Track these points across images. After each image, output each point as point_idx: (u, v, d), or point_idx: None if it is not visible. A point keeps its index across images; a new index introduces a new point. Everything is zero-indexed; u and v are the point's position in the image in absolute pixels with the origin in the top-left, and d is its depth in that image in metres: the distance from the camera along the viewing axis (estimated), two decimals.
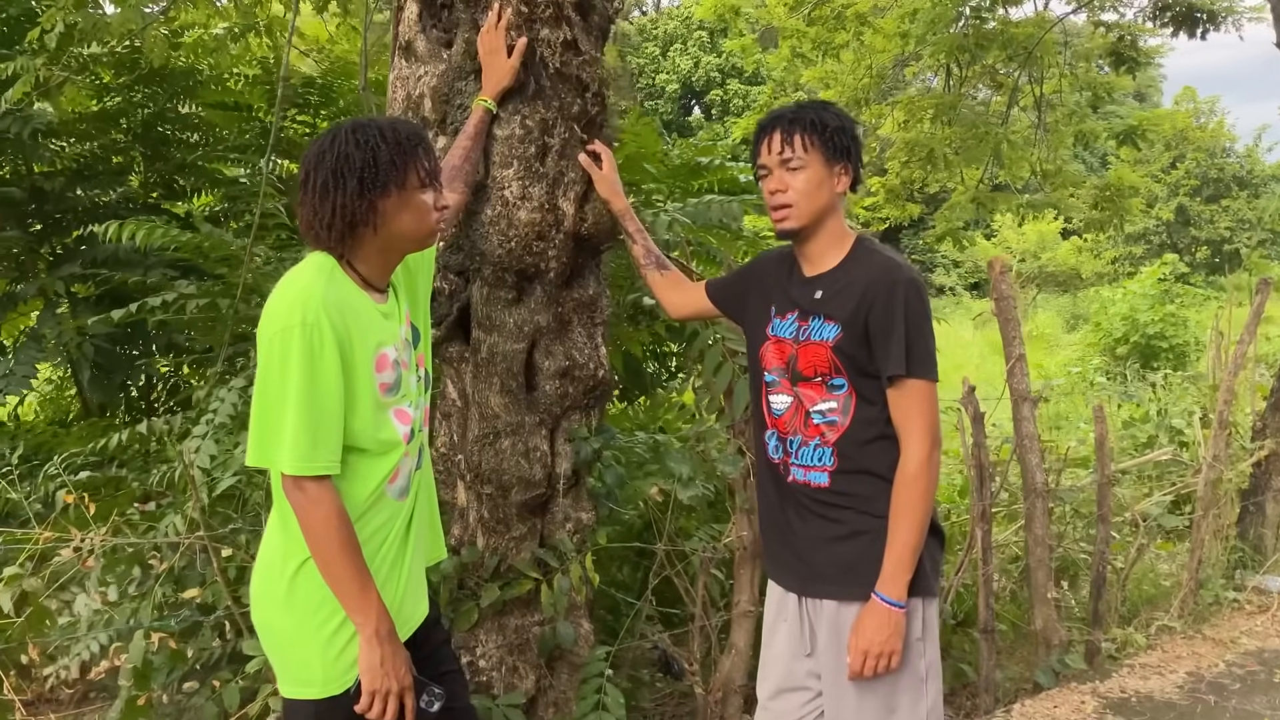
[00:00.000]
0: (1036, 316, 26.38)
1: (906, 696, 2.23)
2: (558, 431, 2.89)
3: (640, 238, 2.78)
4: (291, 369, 1.81)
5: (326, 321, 1.83)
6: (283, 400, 1.82)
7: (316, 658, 1.93)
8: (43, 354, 4.94)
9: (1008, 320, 4.27)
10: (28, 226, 5.23)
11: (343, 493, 1.91)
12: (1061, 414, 10.64)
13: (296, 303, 1.84)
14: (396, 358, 1.99)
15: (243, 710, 2.73)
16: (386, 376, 1.96)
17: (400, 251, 2.02)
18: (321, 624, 1.92)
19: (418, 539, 2.13)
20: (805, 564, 2.29)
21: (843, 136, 2.23)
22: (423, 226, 1.97)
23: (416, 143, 1.93)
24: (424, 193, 1.95)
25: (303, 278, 1.89)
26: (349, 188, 1.86)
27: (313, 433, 1.83)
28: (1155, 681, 4.17)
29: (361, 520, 1.95)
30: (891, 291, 2.16)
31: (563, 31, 2.69)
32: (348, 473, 1.93)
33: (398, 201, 1.92)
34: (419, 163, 1.93)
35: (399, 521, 2.04)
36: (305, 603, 1.93)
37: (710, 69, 39.21)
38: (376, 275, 2.01)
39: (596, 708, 2.85)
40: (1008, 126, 8.06)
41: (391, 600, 1.98)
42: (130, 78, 5.58)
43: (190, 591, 2.71)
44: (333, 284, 1.90)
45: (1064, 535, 5.28)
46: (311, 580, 1.91)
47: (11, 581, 2.43)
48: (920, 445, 2.16)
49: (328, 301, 1.85)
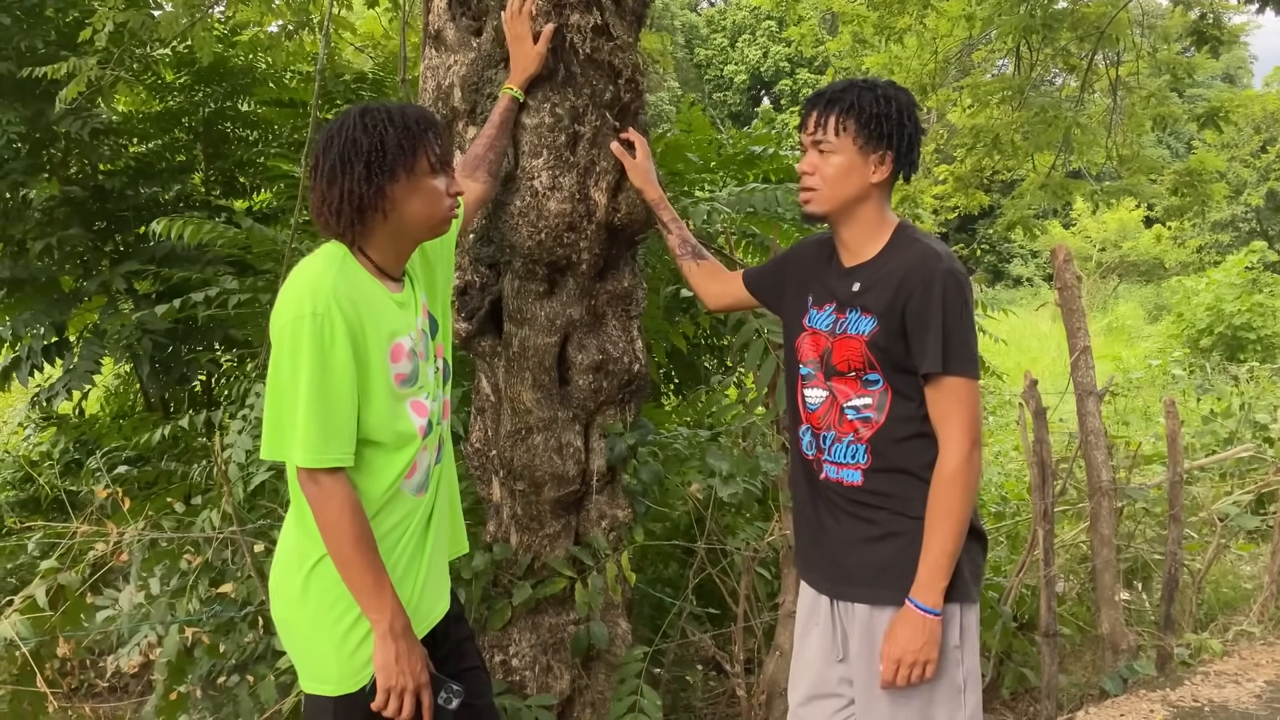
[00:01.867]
0: (1117, 308, 25.65)
1: (943, 708, 2.11)
2: (592, 427, 2.83)
3: (675, 227, 2.70)
4: (302, 360, 1.78)
5: (337, 311, 1.80)
6: (294, 392, 1.79)
7: (331, 655, 1.90)
8: (104, 349, 5.03)
9: (1072, 311, 4.09)
10: (91, 224, 5.33)
11: (358, 488, 1.88)
12: (1138, 408, 10.28)
13: (306, 293, 1.81)
14: (412, 348, 1.95)
15: (279, 705, 2.73)
16: (402, 367, 1.92)
17: (412, 239, 1.97)
18: (336, 620, 1.89)
19: (438, 535, 2.08)
20: (837, 566, 2.19)
21: (884, 122, 2.10)
22: (435, 213, 1.93)
23: (426, 127, 1.89)
24: (434, 178, 1.91)
25: (313, 268, 1.86)
26: (356, 172, 1.82)
27: (325, 424, 1.79)
28: (1231, 690, 3.96)
29: (378, 516, 1.91)
30: (929, 283, 2.04)
31: (593, 16, 2.62)
32: (363, 467, 1.90)
33: (407, 186, 1.87)
34: (429, 147, 1.88)
35: (416, 518, 2.00)
36: (320, 599, 1.90)
37: (779, 59, 38.80)
38: (390, 263, 1.96)
39: (632, 709, 2.79)
40: (1079, 110, 7.76)
41: (409, 597, 1.95)
42: (190, 77, 5.67)
43: (224, 587, 2.71)
44: (344, 273, 1.87)
45: (1135, 535, 5.06)
46: (327, 577, 1.88)
47: (48, 575, 2.45)
48: (959, 445, 2.04)
49: (338, 291, 1.82)
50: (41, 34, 4.98)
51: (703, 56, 40.38)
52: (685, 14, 41.97)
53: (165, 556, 2.76)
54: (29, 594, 2.39)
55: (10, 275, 5.13)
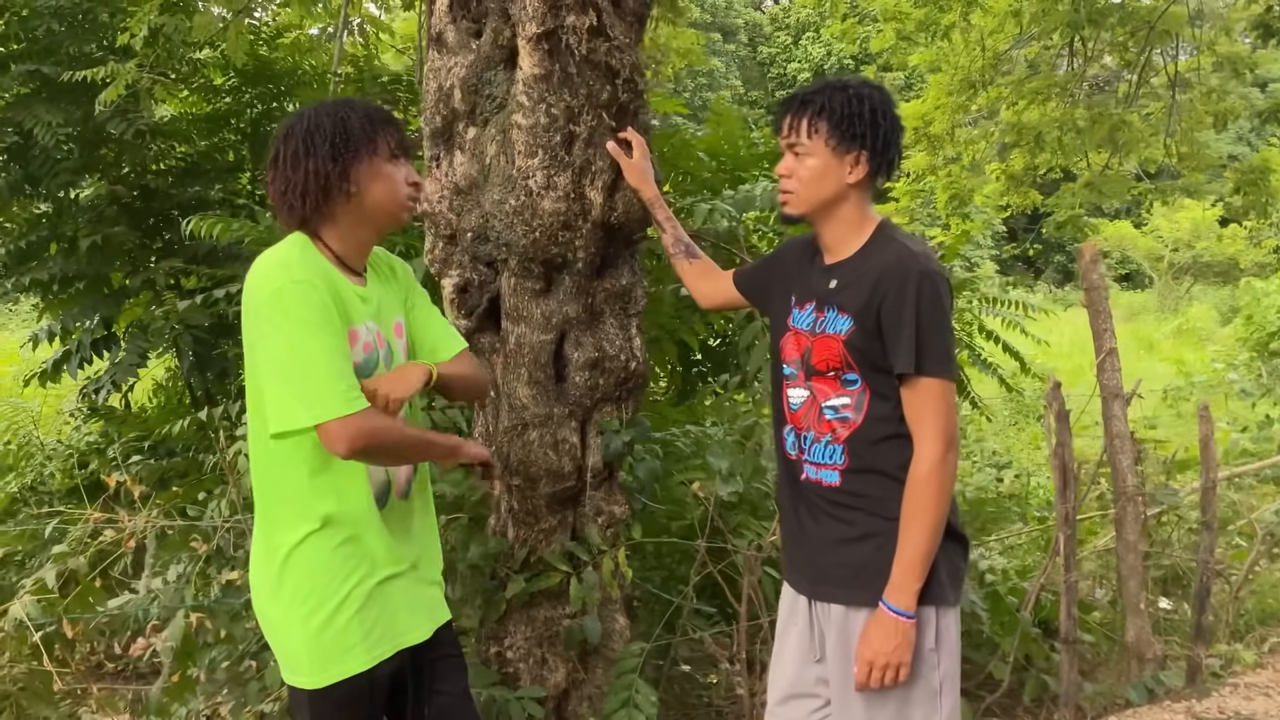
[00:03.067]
0: (1190, 309, 24.98)
1: (919, 710, 2.10)
2: (589, 424, 2.86)
3: (670, 226, 2.71)
4: (295, 324, 1.80)
5: (319, 280, 1.84)
6: (297, 355, 1.79)
7: (304, 648, 1.94)
8: (149, 343, 5.20)
9: (1098, 312, 4.01)
10: (139, 223, 5.52)
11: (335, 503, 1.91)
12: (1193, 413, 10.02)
13: (278, 268, 1.84)
14: (369, 340, 1.97)
15: (283, 689, 2.81)
16: (356, 355, 1.93)
17: (375, 226, 2.00)
18: (308, 615, 1.92)
19: (422, 544, 2.11)
20: (815, 566, 2.19)
21: (856, 122, 2.09)
22: (394, 197, 1.97)
23: (385, 117, 1.95)
24: (393, 164, 1.96)
25: (277, 251, 1.90)
26: (321, 152, 1.87)
27: (344, 372, 1.82)
28: (1260, 703, 3.85)
29: (352, 538, 1.94)
30: (904, 283, 2.03)
31: (589, 18, 2.64)
32: (334, 482, 1.92)
33: (370, 169, 1.92)
34: (389, 132, 1.94)
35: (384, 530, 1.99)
36: (293, 593, 1.93)
37: (843, 56, 38.43)
38: (350, 253, 1.99)
39: (627, 704, 2.80)
40: (1127, 107, 7.57)
41: (381, 615, 1.97)
42: (238, 79, 5.83)
43: (231, 575, 2.79)
44: (311, 255, 1.91)
45: (1170, 541, 4.93)
46: (299, 570, 1.92)
47: (58, 559, 2.56)
48: (933, 447, 2.03)
49: (308, 264, 1.87)
50: (95, 39, 5.18)
51: (766, 54, 40.16)
52: (749, 12, 41.84)
53: (177, 546, 2.86)
54: (40, 577, 2.50)
55: (61, 272, 5.34)
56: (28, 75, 5.00)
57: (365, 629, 1.94)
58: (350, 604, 1.93)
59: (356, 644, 1.93)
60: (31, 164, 5.15)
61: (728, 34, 38.45)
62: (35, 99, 5.02)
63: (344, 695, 1.95)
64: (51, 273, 5.31)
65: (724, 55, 37.94)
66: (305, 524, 1.91)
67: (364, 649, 1.94)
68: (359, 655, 1.94)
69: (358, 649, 1.94)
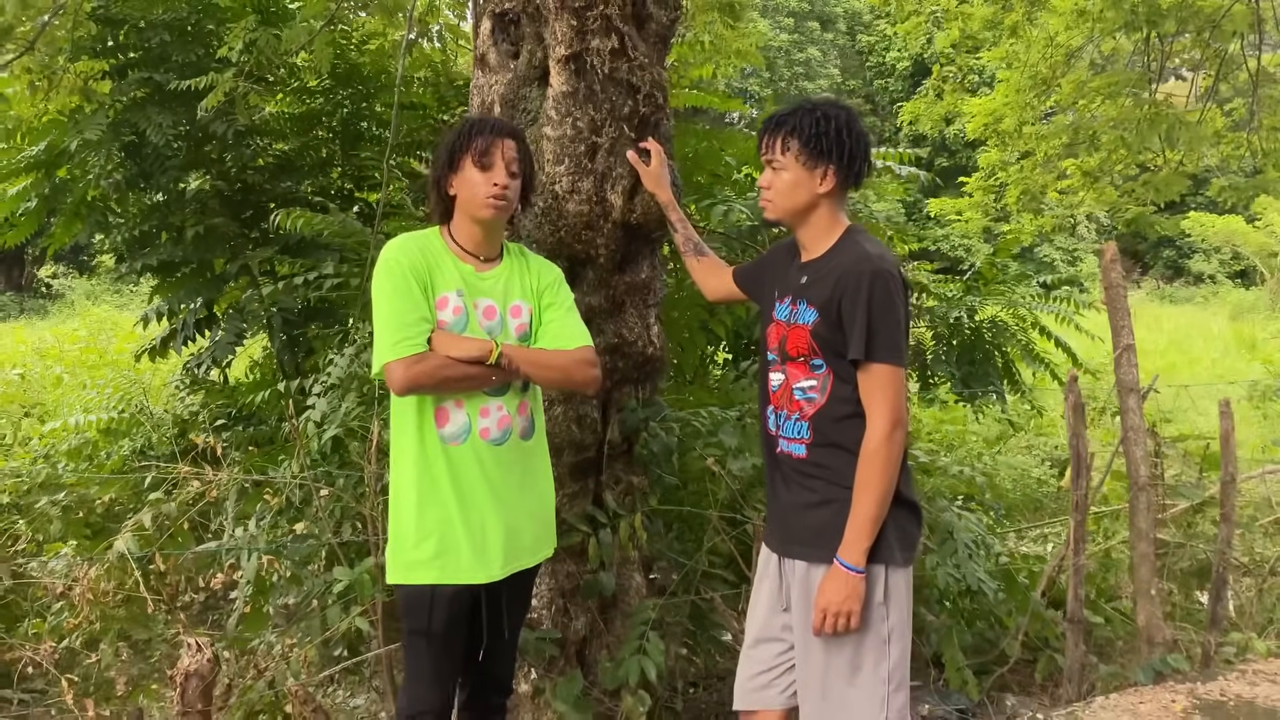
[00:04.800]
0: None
1: (870, 655, 2.40)
2: (609, 403, 3.21)
3: (682, 227, 3.04)
4: (379, 292, 2.34)
5: (404, 257, 2.35)
6: (376, 315, 2.33)
7: (394, 544, 2.41)
8: (245, 324, 5.75)
9: (1117, 309, 4.19)
10: (238, 214, 6.07)
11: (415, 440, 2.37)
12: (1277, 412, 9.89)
13: (387, 249, 2.40)
14: (457, 304, 2.40)
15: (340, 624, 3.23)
16: (444, 315, 2.38)
17: (470, 220, 2.44)
18: (397, 516, 2.41)
19: (511, 491, 2.46)
20: (784, 527, 2.51)
21: (823, 140, 2.39)
22: (474, 199, 2.40)
23: (474, 133, 2.41)
24: (482, 172, 2.39)
25: (400, 236, 2.44)
26: (438, 166, 2.46)
27: (393, 330, 2.30)
28: (1263, 689, 3.99)
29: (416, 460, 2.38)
30: (858, 281, 2.32)
31: (612, 40, 2.98)
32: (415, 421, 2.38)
33: (459, 177, 2.42)
34: (476, 145, 2.39)
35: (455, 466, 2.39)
36: (395, 494, 2.43)
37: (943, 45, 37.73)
38: (466, 241, 2.47)
39: (639, 650, 3.15)
40: (1202, 105, 7.53)
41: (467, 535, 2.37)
42: (330, 81, 6.33)
43: (298, 525, 3.23)
44: (419, 240, 2.43)
45: (1196, 535, 5.06)
46: (400, 474, 2.41)
47: (154, 505, 3.02)
48: (882, 424, 2.32)
49: (406, 247, 2.38)
50: (200, 47, 5.72)
51: (865, 43, 39.69)
52: (848, 1, 41.42)
53: (254, 499, 3.31)
54: (138, 519, 2.97)
55: (170, 257, 5.92)
56: (142, 81, 5.57)
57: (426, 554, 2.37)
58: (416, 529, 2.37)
59: (425, 561, 2.37)
60: (145, 161, 5.73)
61: (826, 23, 38.12)
62: (148, 102, 5.58)
63: (411, 597, 2.40)
64: (161, 258, 5.90)
65: (822, 44, 37.62)
66: (400, 453, 2.41)
67: (432, 570, 2.37)
68: (422, 571, 2.37)
69: (421, 566, 2.37)
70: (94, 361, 9.02)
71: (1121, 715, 3.73)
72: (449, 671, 2.50)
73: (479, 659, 2.52)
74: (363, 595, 3.07)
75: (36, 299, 23.79)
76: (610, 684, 3.15)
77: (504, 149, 2.41)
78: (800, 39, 36.25)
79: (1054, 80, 8.18)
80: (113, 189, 5.79)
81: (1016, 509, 6.56)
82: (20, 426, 6.58)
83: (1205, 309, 27.75)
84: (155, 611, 3.00)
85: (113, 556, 2.86)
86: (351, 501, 3.28)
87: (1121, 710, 3.84)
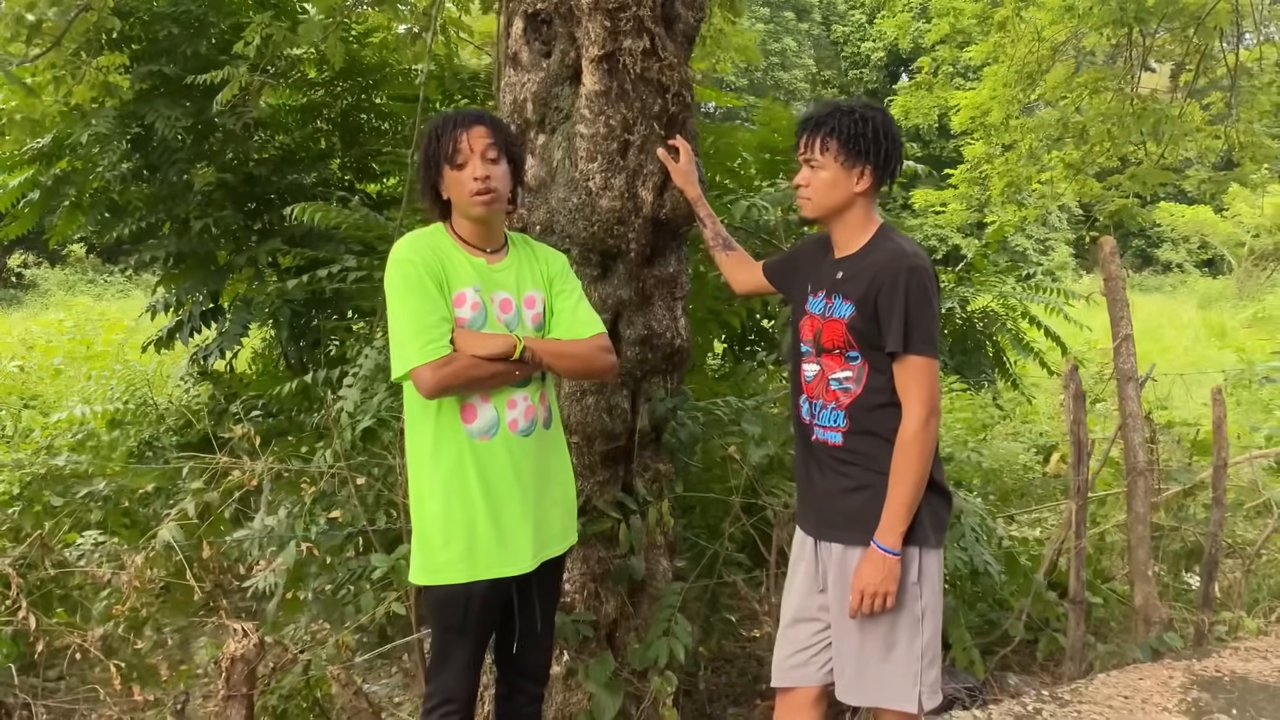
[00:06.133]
0: (1267, 297, 24.54)
1: (904, 634, 2.52)
2: (639, 393, 3.31)
3: (710, 222, 3.14)
4: (393, 294, 2.33)
5: (417, 256, 2.34)
6: (393, 318, 2.34)
7: (417, 544, 2.43)
8: (251, 316, 5.79)
9: (1115, 300, 4.34)
10: (243, 206, 6.10)
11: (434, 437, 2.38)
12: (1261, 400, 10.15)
13: (394, 251, 2.39)
14: (475, 300, 2.40)
15: (374, 612, 3.32)
16: (463, 312, 2.39)
17: (465, 217, 2.45)
18: (422, 521, 2.41)
19: (528, 485, 2.46)
20: (820, 512, 2.62)
21: (861, 141, 2.49)
22: (462, 196, 2.41)
23: (451, 125, 2.39)
24: (459, 169, 2.37)
25: (408, 235, 2.44)
26: (426, 171, 2.43)
27: (416, 334, 2.29)
28: (1256, 664, 4.16)
29: (434, 454, 2.39)
30: (895, 277, 2.43)
31: (644, 41, 3.06)
32: (438, 418, 2.39)
33: (445, 178, 2.41)
34: (449, 143, 2.37)
35: (483, 461, 2.40)
36: (416, 497, 2.44)
37: (918, 35, 37.94)
38: (469, 236, 2.46)
39: (666, 633, 3.26)
40: (1183, 99, 7.72)
41: (490, 534, 2.38)
42: (330, 73, 6.37)
43: (334, 513, 3.31)
44: (427, 237, 2.42)
45: (1188, 518, 5.23)
46: (419, 471, 2.41)
47: (197, 494, 3.09)
48: (917, 413, 2.43)
49: (418, 245, 2.37)
50: (209, 38, 5.75)
51: (840, 34, 39.82)
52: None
53: (289, 488, 3.39)
54: (182, 508, 3.04)
55: (175, 250, 5.95)
56: (148, 73, 5.59)
57: (456, 554, 2.38)
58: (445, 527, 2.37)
59: (454, 561, 2.38)
60: (151, 153, 5.75)
61: (801, 13, 38.19)
62: (155, 95, 5.61)
63: (443, 597, 2.42)
64: (167, 250, 5.93)
65: (797, 34, 37.69)
66: (421, 453, 2.40)
67: (462, 569, 2.38)
68: (453, 570, 2.38)
69: (451, 567, 2.38)
70: (82, 353, 8.98)
71: (1123, 691, 3.89)
72: (477, 660, 2.52)
73: (513, 650, 2.56)
74: (400, 582, 3.15)
75: (8, 289, 23.51)
76: (639, 665, 3.25)
77: (471, 139, 2.37)
78: (776, 29, 36.30)
79: (1039, 74, 8.34)
80: (119, 181, 5.81)
81: (1008, 494, 6.73)
82: (20, 418, 6.59)
83: (1174, 297, 28.21)
84: (199, 598, 3.08)
85: (159, 544, 2.93)
86: (385, 489, 3.36)
87: (1122, 687, 3.99)
